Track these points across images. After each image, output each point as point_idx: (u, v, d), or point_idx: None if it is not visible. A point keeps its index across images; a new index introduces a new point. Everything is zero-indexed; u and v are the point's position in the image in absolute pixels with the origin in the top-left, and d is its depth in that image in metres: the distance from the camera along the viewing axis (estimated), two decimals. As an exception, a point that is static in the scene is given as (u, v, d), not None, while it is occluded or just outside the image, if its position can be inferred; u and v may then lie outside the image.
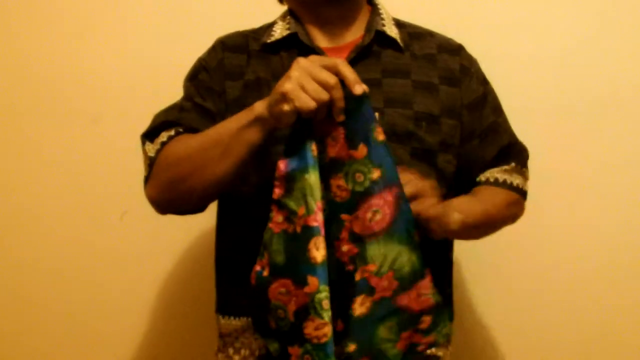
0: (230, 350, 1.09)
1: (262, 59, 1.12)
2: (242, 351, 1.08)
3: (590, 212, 1.49)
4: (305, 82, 0.89)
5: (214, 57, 1.15)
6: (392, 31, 1.12)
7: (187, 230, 1.54)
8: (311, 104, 0.88)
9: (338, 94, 0.89)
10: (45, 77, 1.55)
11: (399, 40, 1.11)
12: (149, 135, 1.12)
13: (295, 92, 0.89)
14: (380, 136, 0.90)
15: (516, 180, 1.14)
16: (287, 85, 0.90)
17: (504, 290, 1.52)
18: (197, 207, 1.09)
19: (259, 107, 0.95)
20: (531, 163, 1.19)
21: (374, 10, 1.15)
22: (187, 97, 1.14)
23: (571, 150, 1.49)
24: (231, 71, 1.12)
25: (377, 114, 0.95)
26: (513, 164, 1.14)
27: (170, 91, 1.24)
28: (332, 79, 0.89)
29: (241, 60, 1.13)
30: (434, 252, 1.02)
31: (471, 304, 1.53)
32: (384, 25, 1.12)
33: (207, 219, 1.20)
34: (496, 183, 1.13)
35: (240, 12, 1.33)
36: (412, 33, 1.15)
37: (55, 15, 1.56)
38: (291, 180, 0.91)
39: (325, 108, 0.90)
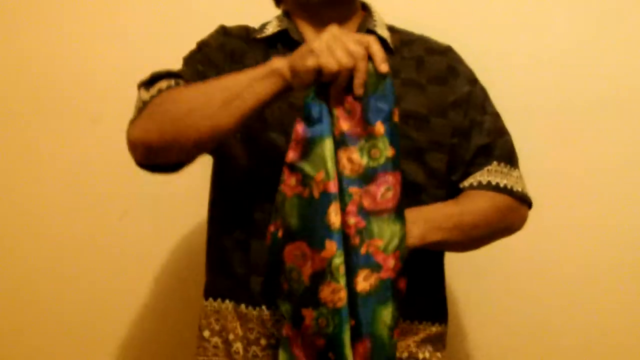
0: (206, 333, 1.08)
1: (261, 50, 1.12)
2: (224, 334, 1.07)
3: (590, 212, 1.49)
4: (335, 45, 0.90)
5: (215, 39, 1.14)
6: (384, 33, 1.14)
7: (187, 230, 1.55)
8: (335, 65, 0.88)
9: (363, 65, 0.90)
10: (45, 77, 1.55)
11: (389, 42, 1.12)
12: (147, 83, 1.06)
13: (322, 50, 0.89)
14: (396, 118, 0.91)
15: (504, 181, 1.09)
16: (316, 43, 0.90)
17: (503, 291, 1.52)
18: (181, 158, 1.02)
19: (278, 62, 0.94)
20: (531, 163, 1.18)
21: (368, 14, 1.17)
22: (188, 64, 1.11)
23: (571, 150, 1.49)
24: (232, 53, 1.12)
25: None
26: (495, 163, 1.10)
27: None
28: (361, 50, 0.89)
29: (242, 45, 1.13)
30: (425, 255, 1.03)
31: (471, 304, 1.53)
32: (375, 26, 1.13)
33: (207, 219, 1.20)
34: (480, 186, 1.08)
35: (240, 12, 1.33)
36: (404, 40, 1.16)
37: (55, 15, 1.56)
38: (309, 145, 0.91)
39: (347, 77, 0.90)
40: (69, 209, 1.55)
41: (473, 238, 1.02)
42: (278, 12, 1.19)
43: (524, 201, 1.12)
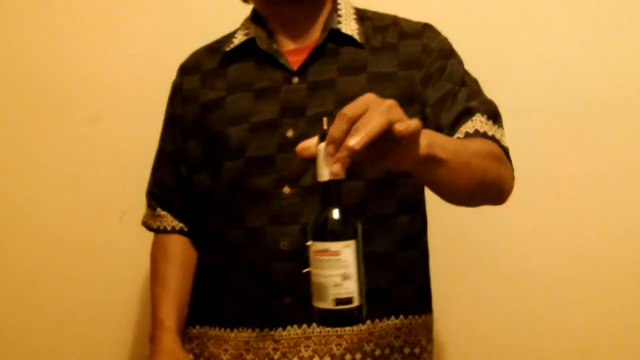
0: (190, 356, 1.17)
1: (217, 76, 1.17)
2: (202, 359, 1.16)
3: (590, 212, 1.48)
4: None
5: (175, 84, 1.24)
6: (349, 28, 1.12)
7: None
8: None
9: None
10: (45, 77, 1.55)
11: (355, 37, 1.11)
12: (153, 198, 1.28)
13: None
14: None
15: (490, 131, 1.04)
16: None
17: (502, 291, 1.52)
18: None
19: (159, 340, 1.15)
20: (531, 163, 1.18)
21: (333, 7, 1.15)
22: (160, 144, 1.26)
23: (571, 151, 1.49)
24: (187, 96, 1.19)
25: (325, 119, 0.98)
26: (479, 115, 1.05)
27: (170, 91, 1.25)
28: None
29: (196, 82, 1.19)
30: (409, 241, 1.05)
31: (470, 305, 1.53)
32: (340, 22, 1.12)
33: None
34: (467, 135, 1.03)
35: (240, 12, 1.32)
36: (376, 26, 1.14)
37: (55, 15, 1.56)
38: None
39: None
40: (69, 209, 1.55)
41: (469, 174, 0.92)
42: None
43: (510, 162, 1.07)
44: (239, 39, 1.16)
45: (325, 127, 0.99)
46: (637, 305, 1.47)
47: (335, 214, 0.81)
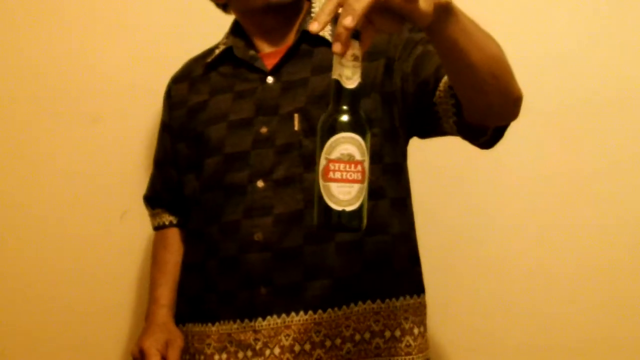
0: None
1: (203, 82, 1.23)
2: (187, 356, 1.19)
3: (591, 212, 1.49)
4: None
5: (165, 93, 1.31)
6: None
7: (187, 230, 1.54)
8: None
9: None
10: (45, 77, 1.55)
11: (327, 37, 1.14)
12: (148, 200, 1.36)
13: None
14: None
15: None
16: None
17: (502, 290, 1.52)
18: None
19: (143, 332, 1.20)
20: (531, 163, 1.18)
21: (308, 10, 1.19)
22: (156, 154, 1.34)
23: (571, 150, 1.49)
24: (176, 101, 1.27)
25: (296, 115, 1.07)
26: None
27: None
28: None
29: (184, 89, 1.26)
30: (374, 226, 1.05)
31: (469, 305, 1.53)
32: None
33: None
34: None
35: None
36: None
37: (55, 15, 1.56)
38: None
39: None
40: (69, 209, 1.55)
41: (485, 45, 0.89)
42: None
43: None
44: (220, 49, 1.23)
45: (296, 124, 1.03)
46: (634, 302, 1.47)
47: (343, 114, 0.81)
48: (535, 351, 1.49)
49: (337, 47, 0.77)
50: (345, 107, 0.80)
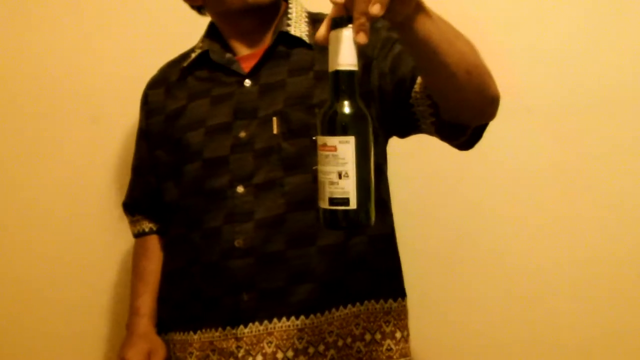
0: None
1: (180, 87, 1.22)
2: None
3: (586, 210, 1.48)
4: None
5: (141, 99, 1.31)
6: (299, 30, 1.14)
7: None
8: None
9: None
10: (45, 77, 1.55)
11: (305, 38, 1.14)
12: (127, 207, 1.36)
13: None
14: None
15: None
16: None
17: (502, 290, 1.52)
18: None
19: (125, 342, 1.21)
20: (531, 163, 1.18)
21: (284, 12, 1.18)
22: (133, 161, 1.34)
23: (571, 150, 1.49)
24: (153, 107, 1.26)
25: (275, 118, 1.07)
26: None
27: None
28: None
29: (160, 94, 1.25)
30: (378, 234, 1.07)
31: (469, 305, 1.53)
32: (289, 25, 1.15)
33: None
34: None
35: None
36: None
37: (55, 15, 1.56)
38: None
39: None
40: (69, 209, 1.55)
41: (458, 43, 0.89)
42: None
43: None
44: (196, 52, 1.22)
45: (275, 127, 1.04)
46: (630, 300, 1.47)
47: (341, 107, 0.78)
48: (534, 351, 1.49)
49: (362, 38, 0.76)
50: (347, 101, 0.79)
